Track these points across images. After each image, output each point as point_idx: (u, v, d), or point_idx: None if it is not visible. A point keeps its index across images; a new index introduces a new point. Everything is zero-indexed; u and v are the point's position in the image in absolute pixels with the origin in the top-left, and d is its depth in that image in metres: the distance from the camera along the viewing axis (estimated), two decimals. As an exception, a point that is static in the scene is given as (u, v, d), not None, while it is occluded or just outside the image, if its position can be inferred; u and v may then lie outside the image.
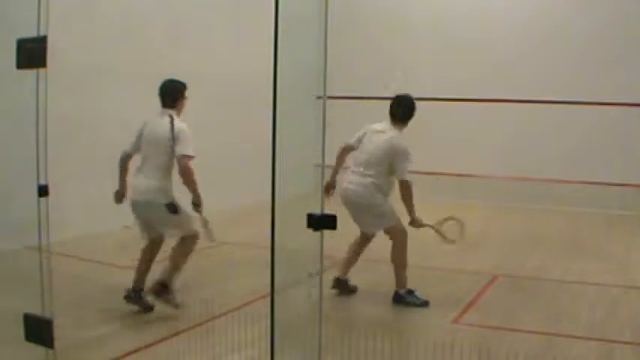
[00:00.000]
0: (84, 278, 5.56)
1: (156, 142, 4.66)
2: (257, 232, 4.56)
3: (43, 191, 3.44)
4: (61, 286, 3.64)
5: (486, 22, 10.34)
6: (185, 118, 5.06)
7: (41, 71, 3.34)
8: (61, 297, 3.64)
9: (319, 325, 3.63)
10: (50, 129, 3.45)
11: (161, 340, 4.15)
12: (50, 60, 3.28)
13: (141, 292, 4.70)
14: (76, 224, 6.77)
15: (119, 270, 5.92)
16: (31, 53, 3.28)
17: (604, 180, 9.61)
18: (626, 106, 9.51)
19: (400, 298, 5.02)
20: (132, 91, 7.81)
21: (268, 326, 2.92)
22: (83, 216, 7.01)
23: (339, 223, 2.78)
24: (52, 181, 3.48)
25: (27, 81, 3.37)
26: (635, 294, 5.45)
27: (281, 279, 2.99)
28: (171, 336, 4.20)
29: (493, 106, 10.35)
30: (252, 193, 4.90)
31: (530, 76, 10.06)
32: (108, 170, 7.38)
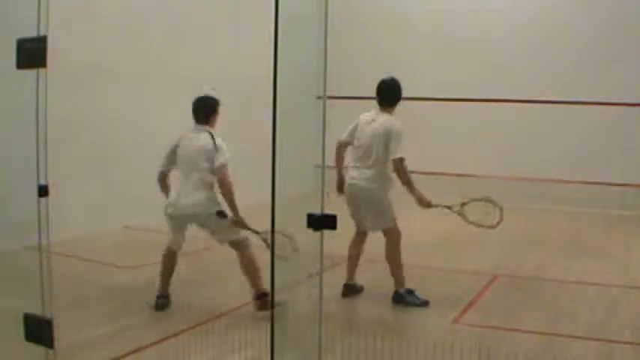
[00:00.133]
0: (84, 278, 5.56)
1: (197, 157, 4.73)
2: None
3: (43, 191, 3.44)
4: (61, 286, 3.64)
5: (486, 22, 10.34)
6: (186, 118, 5.07)
7: (41, 71, 3.34)
8: (61, 297, 3.64)
9: (319, 325, 3.63)
10: (50, 129, 3.45)
11: (161, 340, 4.15)
12: (50, 60, 3.28)
13: (169, 296, 4.82)
14: (76, 224, 6.77)
15: (119, 270, 5.93)
16: (31, 53, 3.28)
17: (604, 180, 9.61)
18: (626, 106, 9.51)
19: (400, 298, 5.01)
20: (132, 91, 7.82)
21: (268, 326, 2.91)
22: (83, 216, 7.01)
23: (339, 223, 2.77)
24: (52, 181, 3.47)
25: (27, 81, 3.37)
26: (635, 294, 5.45)
27: (281, 279, 2.99)
28: (171, 336, 4.20)
29: (493, 106, 10.35)
30: (252, 193, 4.88)
31: (530, 76, 10.06)
32: (108, 170, 7.38)
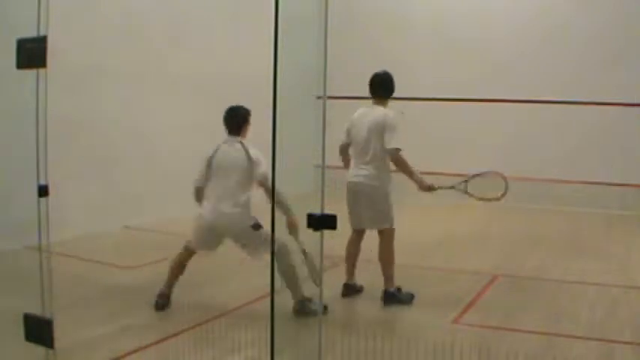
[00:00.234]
0: (84, 278, 5.56)
1: (232, 169, 4.69)
2: (257, 232, 4.58)
3: (43, 191, 3.44)
4: (61, 286, 3.64)
5: (486, 22, 10.34)
6: (185, 118, 5.07)
7: (41, 71, 3.34)
8: (61, 297, 3.64)
9: (319, 325, 3.63)
10: (50, 129, 3.46)
11: (161, 340, 4.15)
12: (50, 60, 3.28)
13: (170, 296, 4.80)
14: (76, 224, 6.77)
15: (119, 270, 5.93)
16: (31, 53, 3.28)
17: (604, 180, 9.61)
18: (626, 106, 9.51)
19: (391, 296, 4.99)
20: (132, 91, 7.82)
21: (268, 326, 2.91)
22: (83, 216, 7.02)
23: (339, 223, 2.78)
24: (52, 181, 3.48)
25: (27, 81, 3.38)
26: (635, 294, 5.45)
27: (281, 279, 2.99)
28: (171, 336, 4.20)
29: (493, 106, 10.35)
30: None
31: (530, 76, 10.05)
32: (108, 170, 7.38)
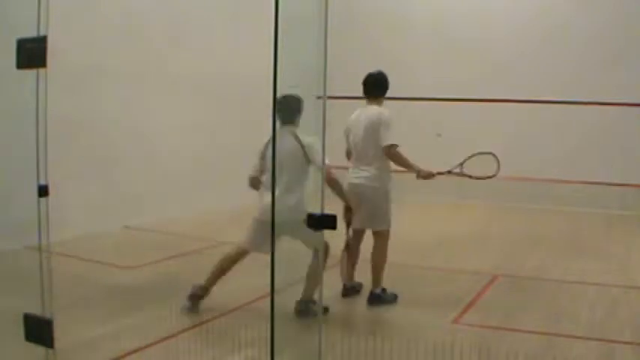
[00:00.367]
0: (84, 278, 5.56)
1: (286, 159, 4.58)
2: (257, 232, 4.58)
3: (43, 191, 3.44)
4: (61, 286, 3.64)
5: (486, 22, 10.34)
6: (185, 118, 5.07)
7: (41, 71, 3.34)
8: (61, 297, 3.63)
9: (319, 325, 3.63)
10: (50, 129, 3.45)
11: (161, 340, 4.14)
12: (50, 60, 3.28)
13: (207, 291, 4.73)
14: (76, 224, 6.77)
15: (119, 270, 5.93)
16: (31, 53, 3.28)
17: (604, 180, 9.62)
18: (626, 106, 9.51)
19: (377, 298, 4.99)
20: (132, 91, 7.83)
21: (268, 326, 2.91)
22: (83, 216, 7.01)
23: (339, 223, 2.77)
24: (52, 181, 3.47)
25: (27, 81, 3.37)
26: (635, 294, 5.45)
27: (281, 279, 2.99)
28: (171, 336, 4.20)
29: (493, 106, 10.36)
30: (252, 192, 4.88)
31: (530, 76, 10.06)
32: (108, 170, 7.38)
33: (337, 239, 4.78)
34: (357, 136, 5.05)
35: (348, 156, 5.24)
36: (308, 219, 2.72)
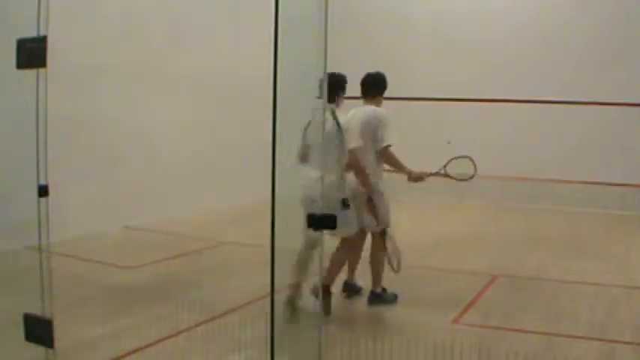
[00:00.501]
0: (84, 278, 5.56)
1: (327, 138, 4.43)
2: (256, 232, 4.57)
3: (43, 191, 3.44)
4: (61, 286, 3.64)
5: (486, 22, 10.34)
6: (185, 118, 5.06)
7: (41, 71, 3.34)
8: (61, 297, 3.63)
9: (319, 325, 3.63)
10: (50, 129, 3.45)
11: (161, 340, 4.15)
12: (50, 60, 3.28)
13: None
14: (76, 224, 6.77)
15: (119, 270, 5.93)
16: (31, 53, 3.28)
17: (604, 180, 9.61)
18: (626, 106, 9.51)
19: (378, 297, 5.01)
20: (132, 91, 7.83)
21: (268, 326, 2.91)
22: (83, 216, 7.01)
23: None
24: (52, 181, 3.47)
25: (27, 81, 3.37)
26: (635, 294, 5.45)
27: (281, 279, 2.99)
28: (171, 336, 4.20)
29: (493, 106, 10.35)
30: (252, 193, 4.88)
31: (530, 76, 10.05)
32: (108, 170, 7.38)
33: (338, 240, 4.79)
34: (352, 136, 5.04)
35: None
36: (308, 219, 2.72)
